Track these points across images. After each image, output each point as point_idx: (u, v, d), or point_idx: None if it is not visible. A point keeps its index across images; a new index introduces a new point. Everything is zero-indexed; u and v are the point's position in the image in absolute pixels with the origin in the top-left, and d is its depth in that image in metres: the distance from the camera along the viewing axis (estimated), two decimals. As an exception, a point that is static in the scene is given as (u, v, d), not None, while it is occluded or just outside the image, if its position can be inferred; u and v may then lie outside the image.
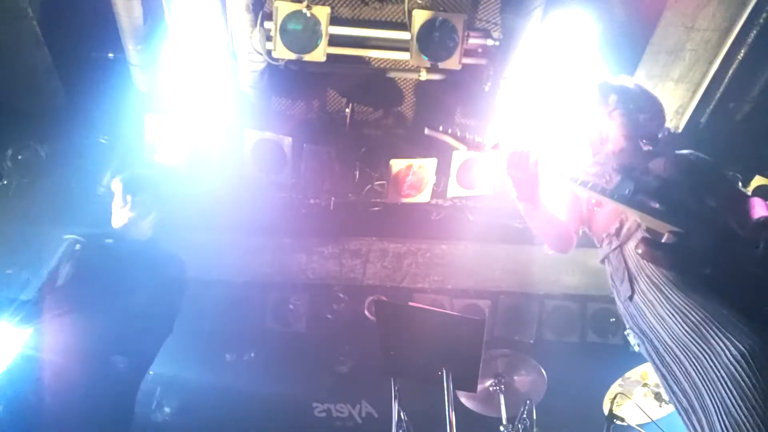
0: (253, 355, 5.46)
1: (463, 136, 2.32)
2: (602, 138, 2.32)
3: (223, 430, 5.13)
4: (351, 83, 4.31)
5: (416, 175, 4.33)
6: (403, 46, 3.80)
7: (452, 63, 3.69)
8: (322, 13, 3.55)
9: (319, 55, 3.62)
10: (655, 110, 2.33)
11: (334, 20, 3.67)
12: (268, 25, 3.63)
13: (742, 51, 3.74)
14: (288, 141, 4.19)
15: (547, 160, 2.23)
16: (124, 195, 3.01)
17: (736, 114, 4.19)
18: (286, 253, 5.01)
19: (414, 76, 4.12)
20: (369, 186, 4.50)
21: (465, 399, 4.30)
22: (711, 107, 4.08)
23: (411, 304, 4.02)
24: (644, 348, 2.03)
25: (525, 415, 3.93)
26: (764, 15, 3.56)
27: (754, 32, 3.63)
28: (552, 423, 4.27)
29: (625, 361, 4.10)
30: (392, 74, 4.16)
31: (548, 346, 5.36)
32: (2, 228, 4.33)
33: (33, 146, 4.13)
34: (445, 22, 3.61)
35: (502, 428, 3.94)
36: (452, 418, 3.20)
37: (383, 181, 4.42)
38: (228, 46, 3.70)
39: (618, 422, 3.87)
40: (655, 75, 3.66)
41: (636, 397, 4.09)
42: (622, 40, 3.68)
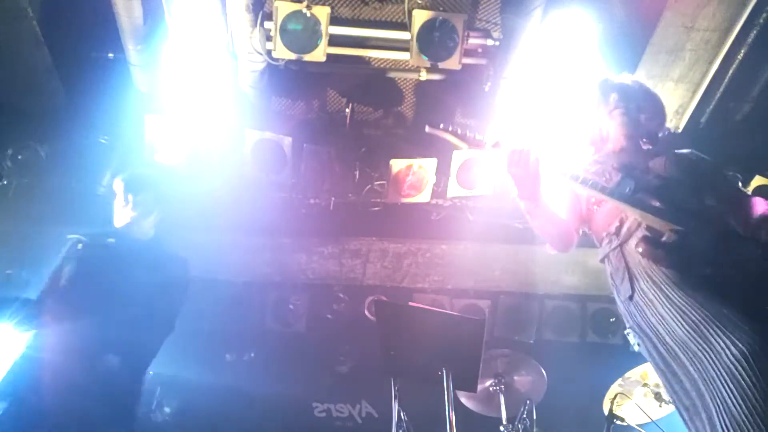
0: (253, 355, 5.45)
1: (464, 134, 2.32)
2: (602, 137, 2.32)
3: (223, 430, 5.13)
4: (351, 83, 4.30)
5: (416, 175, 4.33)
6: (403, 46, 3.80)
7: (452, 63, 3.69)
8: (322, 13, 3.55)
9: (319, 55, 3.62)
10: (655, 109, 2.34)
11: (334, 20, 3.67)
12: (268, 25, 3.63)
13: (742, 51, 3.74)
14: (288, 141, 4.19)
15: (548, 159, 2.22)
16: (126, 194, 3.01)
17: (736, 114, 4.19)
18: (286, 253, 5.01)
19: (414, 76, 4.12)
20: (369, 186, 4.49)
21: (465, 399, 4.30)
22: (711, 107, 4.08)
23: (411, 304, 4.03)
24: (644, 347, 2.03)
25: (525, 415, 3.92)
26: (764, 15, 3.56)
27: (754, 32, 3.63)
28: (552, 423, 4.27)
29: (625, 361, 4.10)
30: (392, 74, 4.16)
31: (548, 346, 5.35)
32: (2, 228, 4.33)
33: (33, 146, 4.13)
34: (445, 22, 3.61)
35: (502, 428, 3.94)
36: (452, 418, 3.20)
37: (383, 181, 4.42)
38: (228, 46, 3.70)
39: (618, 422, 3.87)
40: (655, 75, 3.67)
41: (636, 397, 4.09)
42: (622, 40, 3.68)
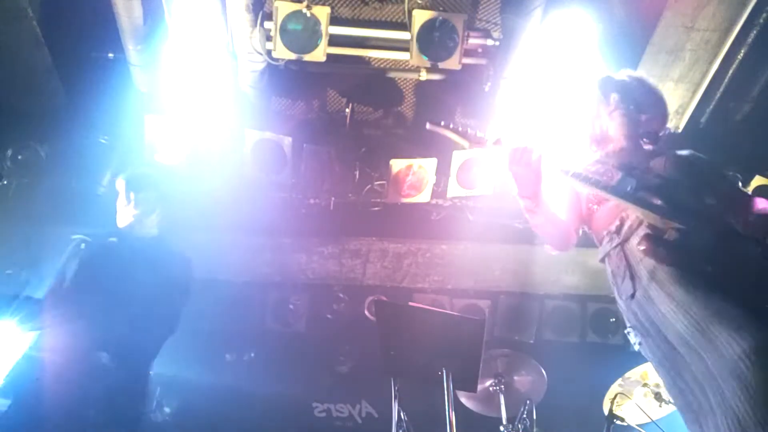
0: (253, 355, 5.45)
1: (465, 131, 2.32)
2: (603, 137, 2.32)
3: (223, 430, 5.13)
4: (351, 83, 4.30)
5: (416, 175, 4.33)
6: (403, 46, 3.79)
7: (452, 63, 3.69)
8: (322, 13, 3.55)
9: (319, 55, 3.62)
10: (656, 109, 2.33)
11: (334, 20, 3.66)
12: (268, 25, 3.63)
13: (742, 51, 3.74)
14: (288, 141, 4.19)
15: (549, 157, 2.23)
16: (128, 192, 3.02)
17: (736, 114, 4.19)
18: (286, 253, 5.01)
19: (414, 76, 4.12)
20: (369, 186, 4.49)
21: (465, 399, 4.29)
22: (711, 107, 4.08)
23: (411, 304, 4.04)
24: (646, 346, 2.02)
25: (525, 415, 3.92)
26: (764, 15, 3.56)
27: (754, 32, 3.63)
28: (552, 423, 4.27)
29: (625, 361, 4.10)
30: (392, 74, 4.16)
31: (548, 346, 5.35)
32: (2, 228, 4.33)
33: (33, 146, 4.13)
34: (445, 22, 3.61)
35: (502, 428, 3.94)
36: (452, 418, 3.20)
37: (383, 181, 4.42)
38: (228, 46, 3.70)
39: (618, 422, 3.86)
40: (655, 75, 3.66)
41: (636, 397, 4.09)
42: (622, 40, 3.68)
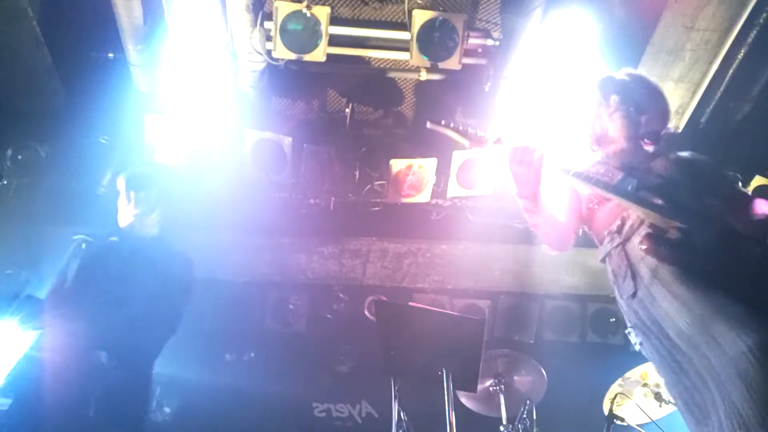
0: (253, 355, 5.44)
1: (465, 130, 2.32)
2: (603, 138, 2.32)
3: (223, 430, 5.13)
4: (351, 83, 4.31)
5: (416, 175, 4.33)
6: (403, 46, 3.80)
7: (452, 63, 3.69)
8: (322, 13, 3.55)
9: (319, 55, 3.62)
10: (657, 109, 2.33)
11: (334, 20, 3.67)
12: (268, 25, 3.63)
13: (742, 51, 3.74)
14: (288, 141, 4.19)
15: (550, 157, 2.22)
16: (128, 191, 3.02)
17: (736, 114, 4.19)
18: (285, 253, 5.01)
19: (414, 76, 4.12)
20: (369, 186, 4.49)
21: (465, 399, 4.29)
22: (711, 107, 4.08)
23: (411, 304, 4.04)
24: (647, 345, 2.02)
25: (525, 415, 3.92)
26: (764, 15, 3.57)
27: (754, 32, 3.63)
28: (552, 423, 4.26)
29: (625, 361, 4.09)
30: (392, 74, 4.16)
31: (548, 346, 5.35)
32: (2, 228, 4.33)
33: (33, 146, 4.13)
34: (445, 22, 3.61)
35: (502, 428, 3.93)
36: (452, 418, 3.20)
37: (383, 181, 4.42)
38: (228, 46, 3.70)
39: (618, 422, 3.86)
40: (655, 75, 3.66)
41: (636, 397, 4.09)
42: (622, 40, 3.68)
